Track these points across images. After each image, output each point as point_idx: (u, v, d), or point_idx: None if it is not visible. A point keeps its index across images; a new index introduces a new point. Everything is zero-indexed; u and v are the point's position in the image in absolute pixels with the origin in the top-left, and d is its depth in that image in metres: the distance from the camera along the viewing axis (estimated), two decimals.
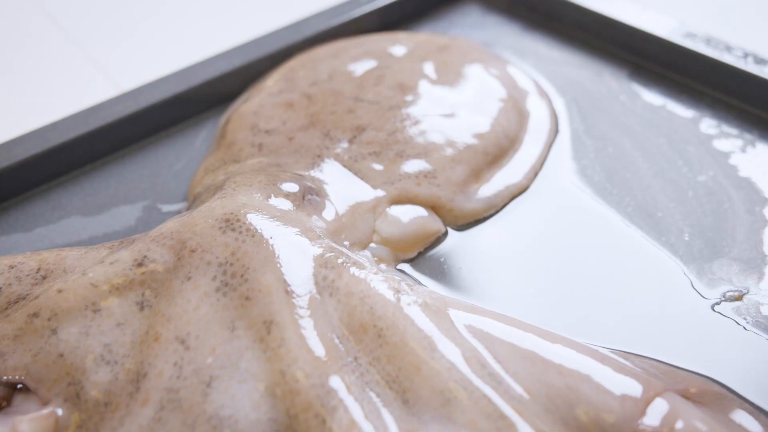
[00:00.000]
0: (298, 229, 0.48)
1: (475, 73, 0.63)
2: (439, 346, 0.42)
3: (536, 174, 0.58)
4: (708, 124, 0.61)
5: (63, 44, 0.84)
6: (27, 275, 0.48)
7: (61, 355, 0.44)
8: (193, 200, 0.55)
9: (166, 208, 0.57)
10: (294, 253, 0.46)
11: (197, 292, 0.45)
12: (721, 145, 0.59)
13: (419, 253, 0.53)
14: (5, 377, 0.43)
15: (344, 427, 0.39)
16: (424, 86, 0.61)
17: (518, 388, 0.42)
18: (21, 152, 0.58)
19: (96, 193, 0.59)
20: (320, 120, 0.59)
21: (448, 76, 0.63)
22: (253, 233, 0.46)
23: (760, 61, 0.61)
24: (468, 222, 0.54)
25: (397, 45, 0.67)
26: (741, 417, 0.43)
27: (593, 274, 0.51)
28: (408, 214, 0.53)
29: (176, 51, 0.79)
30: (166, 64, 0.70)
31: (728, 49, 0.63)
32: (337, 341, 0.43)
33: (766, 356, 0.46)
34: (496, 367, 0.42)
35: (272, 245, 0.46)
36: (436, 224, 0.54)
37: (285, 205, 0.50)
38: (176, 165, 0.61)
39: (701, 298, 0.49)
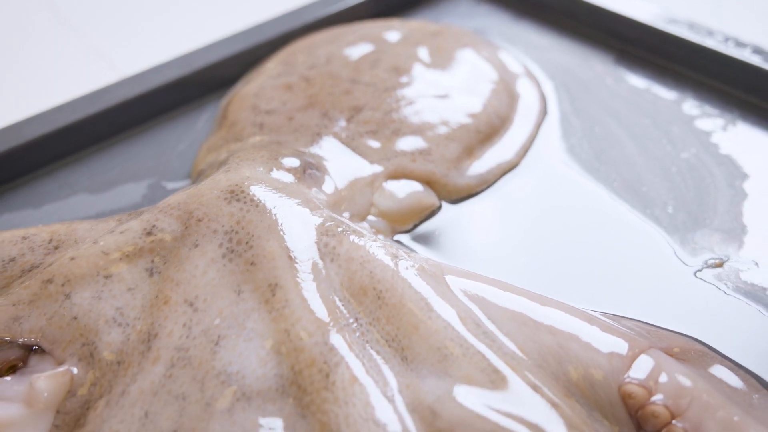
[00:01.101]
0: (299, 200, 0.50)
1: (467, 57, 0.66)
2: (435, 307, 0.45)
3: (526, 152, 0.60)
4: (691, 105, 0.63)
5: (64, 31, 0.86)
6: (39, 246, 0.50)
7: (75, 318, 0.46)
8: (197, 177, 0.57)
9: (171, 185, 0.59)
10: (296, 222, 0.48)
11: (204, 259, 0.47)
12: (703, 124, 0.62)
13: (414, 226, 0.55)
14: (21, 339, 0.45)
15: (346, 382, 0.41)
16: (418, 69, 0.64)
17: (511, 346, 0.44)
18: (29, 133, 0.60)
19: (102, 172, 0.61)
20: (319, 101, 0.61)
21: (442, 60, 0.65)
22: (256, 203, 0.49)
23: (740, 44, 0.64)
24: (461, 196, 0.57)
25: (392, 31, 0.69)
26: (721, 372, 0.45)
27: (581, 244, 0.53)
28: (404, 188, 0.55)
29: (175, 37, 0.81)
30: (165, 51, 0.72)
31: (710, 33, 0.65)
32: (338, 303, 0.45)
33: (745, 318, 0.48)
34: (490, 327, 0.45)
35: (275, 214, 0.48)
36: (431, 198, 0.56)
37: (287, 178, 0.52)
38: (179, 145, 0.63)
39: (684, 265, 0.51)
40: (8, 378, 0.44)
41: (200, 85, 0.67)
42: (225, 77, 0.68)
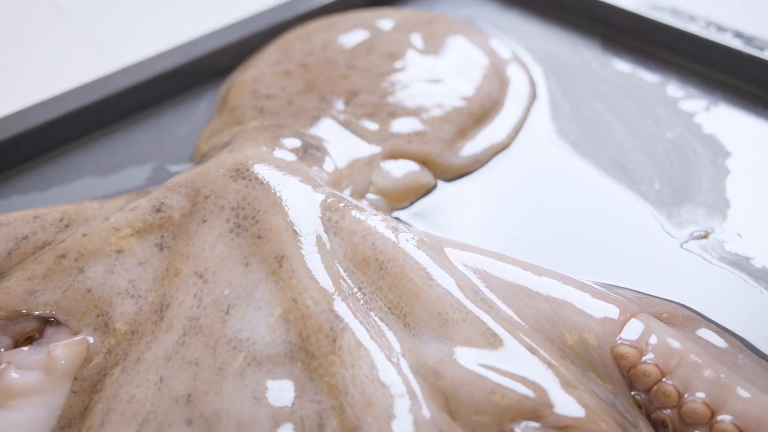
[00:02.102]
0: (302, 178, 0.52)
1: (459, 43, 0.68)
2: (435, 276, 0.47)
3: (517, 133, 0.62)
4: (674, 88, 0.66)
5: (62, 23, 0.88)
6: (51, 224, 0.52)
7: (89, 291, 0.47)
8: (200, 159, 0.59)
9: (174, 168, 0.61)
10: (300, 198, 0.50)
11: (213, 233, 0.49)
12: (687, 106, 0.64)
13: (411, 203, 0.57)
14: (37, 312, 0.47)
15: (352, 346, 0.43)
16: (412, 55, 0.66)
17: (508, 311, 0.46)
18: (35, 119, 0.62)
19: (106, 157, 0.63)
20: (317, 86, 0.63)
21: (435, 46, 0.67)
22: (261, 181, 0.51)
23: (721, 29, 0.66)
24: (456, 175, 0.59)
25: (385, 19, 0.71)
26: (708, 335, 0.47)
27: (572, 219, 0.55)
28: (401, 168, 0.57)
29: (171, 28, 0.83)
30: (162, 40, 0.73)
31: (692, 19, 0.68)
32: (342, 273, 0.47)
33: (729, 285, 0.50)
34: (488, 294, 0.47)
35: (280, 191, 0.50)
36: (427, 177, 0.58)
37: (289, 157, 0.54)
38: (180, 130, 0.65)
39: (671, 237, 0.54)
40: (26, 348, 0.46)
41: (199, 73, 0.68)
42: (223, 65, 0.69)
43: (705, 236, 0.54)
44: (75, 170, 0.61)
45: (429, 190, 0.58)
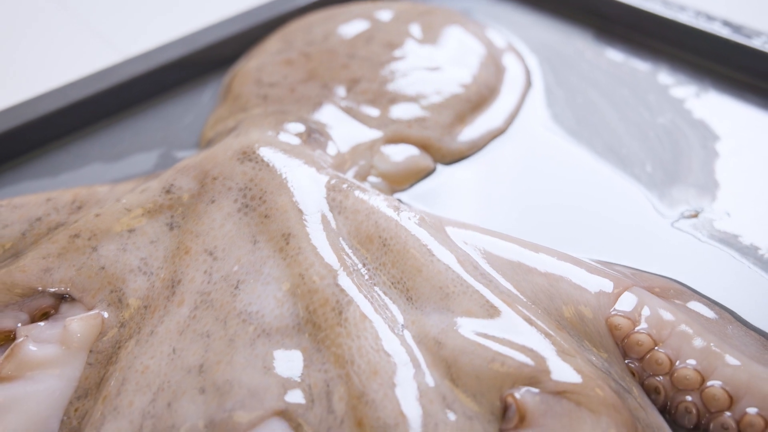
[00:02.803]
0: (306, 160, 0.54)
1: (456, 33, 0.70)
2: (436, 252, 0.49)
3: (513, 119, 0.64)
4: (665, 75, 0.68)
5: (65, 16, 0.89)
6: (63, 206, 0.54)
7: (103, 268, 0.49)
8: (206, 144, 0.61)
9: (180, 154, 0.63)
10: (305, 179, 0.52)
11: (221, 213, 0.51)
12: (677, 93, 0.66)
13: (411, 186, 0.59)
14: (52, 289, 0.49)
15: (357, 318, 0.45)
16: (411, 44, 0.68)
17: (507, 285, 0.48)
18: (44, 107, 0.63)
19: (114, 144, 0.64)
20: (318, 74, 0.65)
21: (432, 36, 0.69)
22: (267, 163, 0.52)
23: (710, 18, 0.68)
24: (454, 159, 0.61)
25: (384, 10, 0.73)
26: (698, 307, 0.49)
27: (567, 200, 0.57)
28: (401, 152, 0.59)
29: (174, 20, 0.84)
30: (165, 33, 0.75)
31: (681, 9, 0.70)
32: (347, 250, 0.49)
33: (718, 261, 0.52)
34: (487, 269, 0.49)
35: (285, 172, 0.52)
36: (427, 161, 0.60)
37: (293, 141, 0.56)
38: (185, 119, 0.67)
39: (662, 217, 0.56)
40: (42, 323, 0.47)
41: (203, 64, 0.70)
42: (226, 56, 0.71)
43: (695, 215, 0.55)
44: (83, 157, 0.63)
45: (428, 173, 0.60)
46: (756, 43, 0.65)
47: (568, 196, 0.58)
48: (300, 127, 0.57)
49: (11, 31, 0.88)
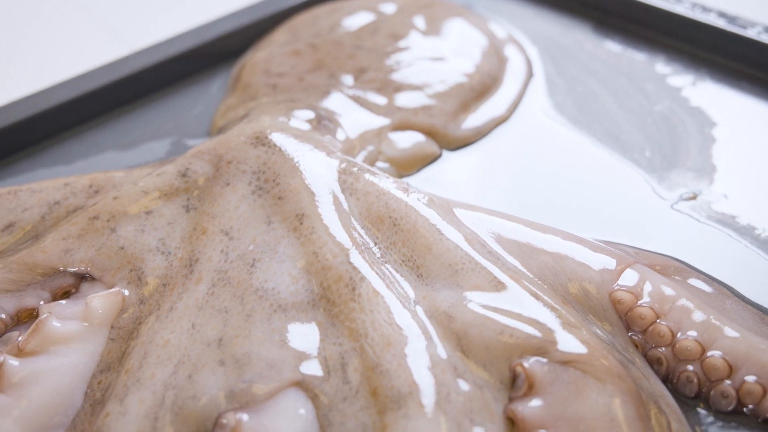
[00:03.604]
0: (317, 145, 0.55)
1: (459, 25, 0.72)
2: (445, 231, 0.50)
3: (516, 107, 0.66)
4: (663, 65, 0.70)
5: (72, 10, 0.91)
6: (81, 190, 0.55)
7: (122, 248, 0.51)
8: (217, 132, 0.62)
9: (191, 142, 0.64)
10: (317, 163, 0.54)
11: (236, 195, 0.52)
12: (675, 81, 0.68)
13: (418, 171, 0.61)
14: (73, 268, 0.50)
15: (371, 294, 0.47)
16: (415, 36, 0.70)
17: (513, 262, 0.50)
18: (58, 97, 0.65)
19: (126, 133, 0.66)
20: (325, 64, 0.67)
21: (436, 28, 0.71)
22: (280, 147, 0.54)
23: (705, 10, 0.70)
24: (459, 145, 0.63)
25: (388, 3, 0.75)
26: (698, 283, 0.51)
27: (569, 184, 0.59)
28: (408, 138, 0.61)
29: (180, 13, 0.86)
30: (171, 26, 0.77)
31: (678, 0, 0.72)
32: (359, 230, 0.51)
33: (716, 241, 0.54)
34: (495, 247, 0.51)
35: (298, 156, 0.54)
36: (432, 147, 0.62)
37: (304, 127, 0.58)
38: (195, 108, 0.68)
39: (662, 199, 0.58)
40: (63, 302, 0.49)
41: (211, 56, 0.72)
42: (234, 48, 0.73)
43: (694, 197, 0.57)
44: (97, 145, 0.65)
45: (434, 158, 0.62)
46: (750, 34, 0.67)
47: (570, 180, 0.60)
48: (310, 114, 0.59)
49: (19, 26, 0.89)
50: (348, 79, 0.65)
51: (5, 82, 0.78)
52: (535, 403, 0.42)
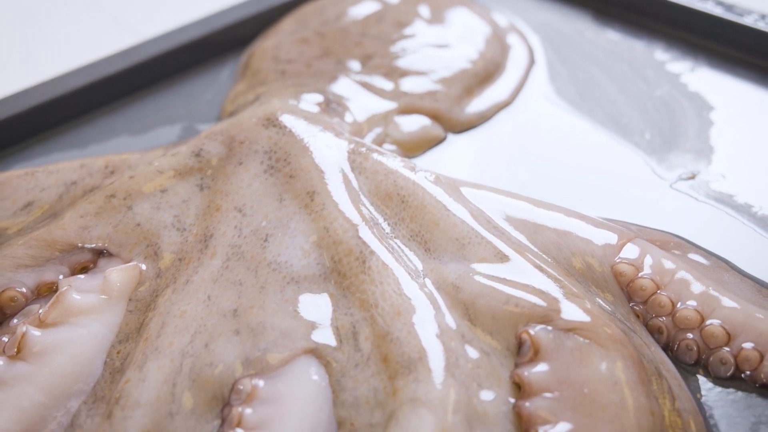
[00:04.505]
0: (327, 126, 0.57)
1: (462, 14, 0.74)
2: (451, 208, 0.52)
3: (518, 92, 0.68)
4: (662, 52, 0.72)
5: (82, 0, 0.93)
6: (97, 171, 0.57)
7: (138, 225, 0.52)
8: (228, 117, 0.64)
9: (202, 127, 0.66)
10: (326, 143, 0.55)
11: (249, 173, 0.54)
12: (674, 68, 0.70)
13: (423, 153, 0.62)
14: (91, 245, 0.52)
15: (380, 266, 0.48)
16: (420, 24, 0.71)
17: (518, 237, 0.51)
18: (72, 84, 0.67)
19: (139, 119, 0.68)
20: (333, 51, 0.68)
21: (440, 16, 0.73)
22: (290, 129, 0.56)
23: None
24: (464, 129, 0.64)
25: None
26: (696, 257, 0.53)
27: (571, 166, 0.61)
28: (414, 122, 0.63)
29: (187, 3, 0.87)
30: (180, 15, 0.78)
31: None
32: (369, 206, 0.52)
33: (715, 218, 0.56)
34: (500, 223, 0.52)
35: (308, 137, 0.55)
36: (438, 130, 0.63)
37: (313, 109, 0.60)
38: (206, 94, 0.70)
39: (661, 180, 0.59)
40: (82, 276, 0.50)
41: (220, 44, 0.74)
42: (242, 37, 0.75)
43: (692, 177, 0.59)
44: (110, 130, 0.66)
45: (439, 141, 0.63)
46: (747, 21, 0.69)
47: (572, 162, 0.61)
48: (319, 97, 0.61)
49: (31, 17, 0.91)
50: (355, 65, 0.66)
51: (20, 69, 0.79)
52: (540, 368, 0.43)
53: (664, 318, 0.48)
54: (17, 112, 0.64)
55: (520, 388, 0.43)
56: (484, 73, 0.68)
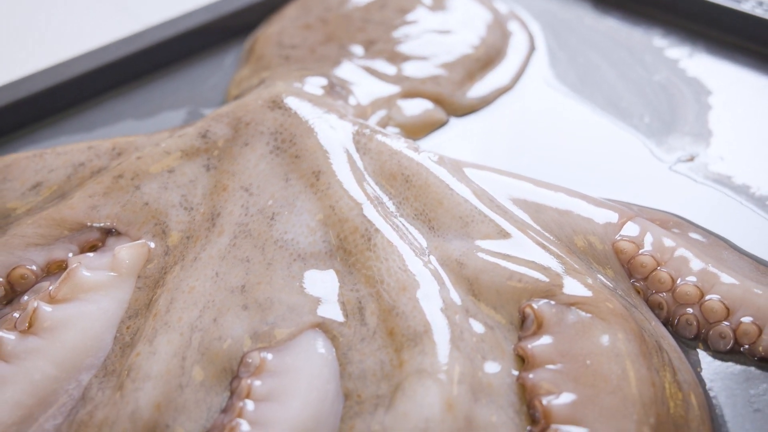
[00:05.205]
0: (331, 109, 0.58)
1: (463, 1, 0.75)
2: (454, 187, 0.53)
3: (519, 77, 0.69)
4: (660, 38, 0.73)
5: None
6: (104, 153, 0.58)
7: (146, 204, 0.53)
8: (232, 100, 0.65)
9: (207, 111, 0.67)
10: (331, 124, 0.56)
11: (255, 154, 0.55)
12: (672, 53, 0.71)
13: (426, 136, 0.63)
14: (99, 224, 0.53)
15: (385, 243, 0.49)
16: (422, 10, 0.72)
17: (521, 215, 0.52)
18: (79, 68, 0.67)
19: (144, 103, 0.68)
20: (336, 37, 0.69)
21: (442, 3, 0.74)
22: (296, 110, 0.57)
23: None
24: (466, 112, 0.65)
25: None
26: (696, 236, 0.54)
27: (572, 148, 0.62)
28: (417, 106, 0.64)
29: None
30: (185, 1, 0.79)
31: None
32: (373, 186, 0.53)
33: (713, 199, 0.57)
34: (502, 202, 0.53)
35: (313, 119, 0.56)
36: (440, 114, 0.64)
37: (318, 92, 0.60)
38: (210, 79, 0.71)
39: (661, 162, 0.60)
40: (91, 254, 0.51)
41: (225, 30, 0.75)
42: (246, 23, 0.76)
43: (691, 159, 0.60)
44: (116, 114, 0.67)
45: (442, 124, 0.64)
46: (745, 8, 0.70)
47: (573, 144, 0.62)
48: (323, 81, 0.61)
49: (34, 1, 0.91)
50: (358, 50, 0.67)
51: (28, 55, 0.80)
52: (543, 341, 0.44)
53: (664, 294, 0.49)
54: (25, 96, 0.65)
55: (523, 361, 0.44)
56: (486, 59, 0.68)
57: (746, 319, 0.47)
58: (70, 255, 0.52)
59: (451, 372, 0.42)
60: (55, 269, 0.51)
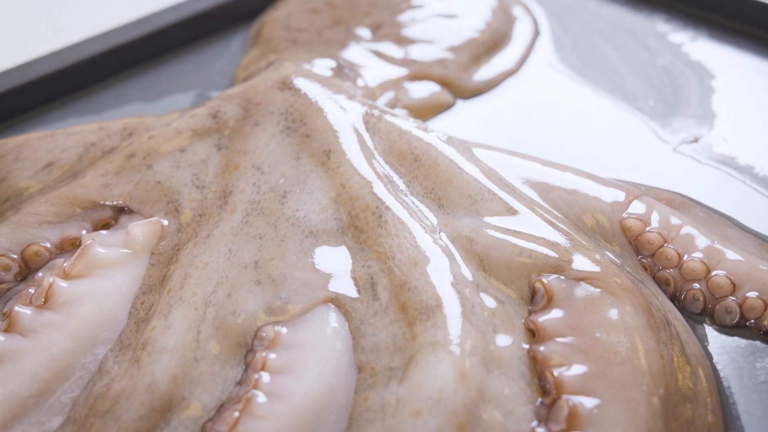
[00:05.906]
0: (340, 90, 0.58)
1: None
2: (463, 166, 0.53)
3: (524, 61, 0.69)
4: (664, 24, 0.73)
5: None
6: (115, 133, 0.58)
7: (159, 182, 0.54)
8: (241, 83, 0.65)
9: (215, 94, 0.67)
10: (340, 105, 0.57)
11: (266, 134, 0.55)
12: (676, 38, 0.72)
13: (433, 118, 0.64)
14: (112, 202, 0.53)
15: (396, 221, 0.50)
16: None
17: (530, 194, 0.53)
18: (87, 51, 0.68)
19: (152, 86, 0.69)
20: (343, 20, 0.70)
21: None
22: (305, 91, 0.57)
23: None
24: (472, 95, 0.66)
25: None
26: (701, 214, 0.54)
27: (577, 130, 0.62)
28: (424, 88, 0.64)
29: None
30: None
31: None
32: (383, 165, 0.54)
33: (718, 179, 0.57)
34: (511, 180, 0.54)
35: (322, 99, 0.57)
36: (446, 96, 0.65)
37: (327, 74, 0.61)
38: (217, 63, 0.71)
39: (665, 143, 0.61)
40: (104, 232, 0.52)
41: (231, 14, 0.75)
42: (252, 8, 0.76)
43: (695, 140, 0.61)
44: (125, 97, 0.68)
45: (448, 107, 0.65)
46: None
47: (578, 126, 0.63)
48: (331, 63, 0.62)
49: None
50: (365, 34, 0.68)
51: (37, 37, 0.80)
52: (553, 314, 0.45)
53: (671, 270, 0.50)
54: (34, 78, 0.66)
55: (534, 335, 0.45)
56: (491, 42, 0.69)
57: (752, 294, 0.47)
58: (84, 232, 0.52)
59: (464, 344, 0.43)
60: (69, 246, 0.52)
